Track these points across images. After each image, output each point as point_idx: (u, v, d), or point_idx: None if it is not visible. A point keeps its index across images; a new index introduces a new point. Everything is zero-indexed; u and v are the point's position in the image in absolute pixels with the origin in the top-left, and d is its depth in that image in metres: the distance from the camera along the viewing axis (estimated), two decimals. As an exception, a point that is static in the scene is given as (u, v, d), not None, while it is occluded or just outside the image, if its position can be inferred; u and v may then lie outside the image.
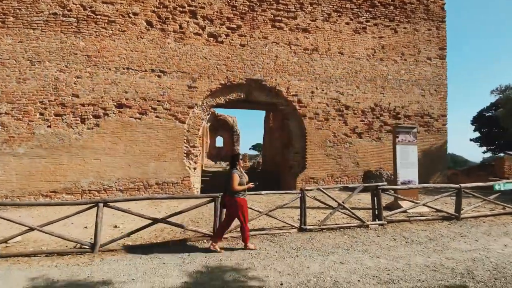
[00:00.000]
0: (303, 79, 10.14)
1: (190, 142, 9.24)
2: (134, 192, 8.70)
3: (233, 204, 3.99)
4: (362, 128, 10.83)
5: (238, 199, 4.01)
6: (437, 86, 11.72)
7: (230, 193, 4.03)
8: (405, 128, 6.94)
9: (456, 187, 5.53)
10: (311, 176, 10.10)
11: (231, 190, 4.00)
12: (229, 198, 4.03)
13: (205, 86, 9.28)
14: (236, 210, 3.99)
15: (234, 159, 4.27)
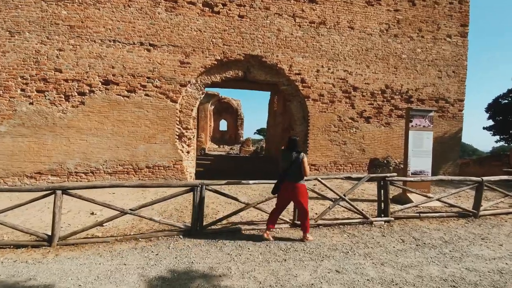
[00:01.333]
0: (308, 56, 9.18)
1: (182, 123, 8.54)
2: (123, 176, 8.16)
3: (298, 191, 3.75)
4: (371, 112, 9.92)
5: (304, 185, 3.85)
6: (456, 67, 10.59)
7: (296, 179, 3.75)
8: (421, 111, 6.07)
9: (477, 180, 4.75)
10: (313, 163, 9.36)
11: (299, 176, 3.75)
12: (292, 184, 3.76)
13: (199, 62, 8.43)
14: (303, 197, 3.79)
15: (295, 142, 3.96)
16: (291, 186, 3.73)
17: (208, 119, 32.21)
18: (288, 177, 3.73)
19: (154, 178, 8.24)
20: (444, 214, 4.77)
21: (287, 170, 3.72)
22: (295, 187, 3.72)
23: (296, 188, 3.72)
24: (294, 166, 3.71)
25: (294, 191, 3.73)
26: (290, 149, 3.84)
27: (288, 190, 3.74)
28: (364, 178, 4.80)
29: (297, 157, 3.74)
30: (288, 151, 3.84)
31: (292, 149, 3.84)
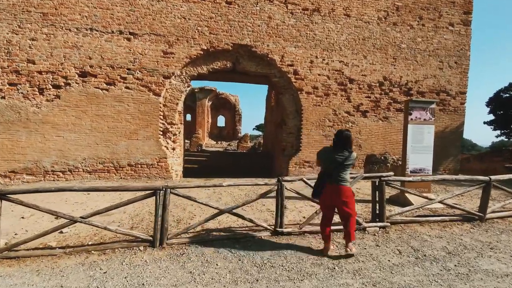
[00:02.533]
0: (301, 45, 8.54)
1: (167, 118, 7.95)
2: (103, 174, 7.60)
3: (345, 194, 3.11)
4: (368, 105, 9.32)
5: (350, 188, 3.23)
6: (458, 57, 9.94)
7: (342, 181, 3.11)
8: (421, 103, 5.47)
9: (484, 179, 4.18)
10: (306, 159, 8.80)
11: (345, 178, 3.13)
12: (337, 187, 3.11)
13: (183, 52, 7.81)
14: (351, 200, 3.16)
15: (349, 139, 3.18)
16: (335, 189, 3.10)
17: (205, 114, 31.61)
18: (334, 179, 3.09)
19: (137, 176, 7.69)
20: (447, 218, 4.21)
21: (334, 171, 3.08)
22: (340, 190, 3.10)
23: (341, 191, 3.10)
24: (342, 167, 3.09)
25: (339, 194, 3.10)
26: (342, 147, 3.11)
27: (332, 194, 3.12)
28: (357, 178, 4.24)
29: (348, 156, 3.10)
30: (339, 148, 3.12)
31: (344, 146, 3.12)
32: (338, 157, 3.09)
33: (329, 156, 3.15)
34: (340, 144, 3.13)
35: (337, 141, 3.15)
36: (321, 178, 3.19)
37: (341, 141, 3.13)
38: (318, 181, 3.24)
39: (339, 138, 3.14)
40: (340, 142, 3.13)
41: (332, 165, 3.09)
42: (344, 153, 3.11)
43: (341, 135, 3.14)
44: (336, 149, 3.13)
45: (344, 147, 3.12)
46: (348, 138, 3.14)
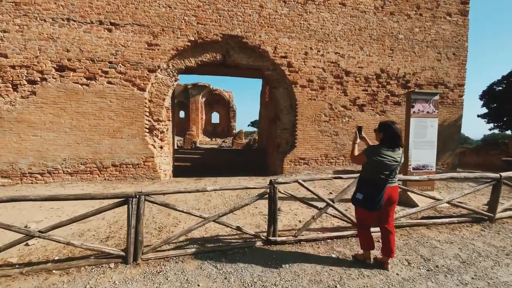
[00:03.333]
0: (295, 36, 8.05)
1: (153, 114, 7.43)
2: (86, 176, 7.07)
3: (394, 198, 2.74)
4: (365, 99, 8.92)
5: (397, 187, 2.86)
6: (456, 49, 9.57)
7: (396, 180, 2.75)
8: (424, 94, 5.07)
9: (494, 177, 3.81)
10: (301, 156, 8.39)
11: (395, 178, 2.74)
12: (395, 187, 2.75)
13: (169, 43, 7.26)
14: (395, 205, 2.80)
15: (399, 134, 2.69)
16: (393, 191, 2.70)
17: (199, 111, 31.01)
18: (390, 180, 2.66)
19: (122, 177, 7.18)
20: (455, 220, 3.84)
21: (393, 172, 2.64)
22: (396, 190, 2.75)
23: (397, 191, 2.75)
24: (396, 169, 2.67)
25: (394, 196, 2.70)
26: (396, 143, 2.63)
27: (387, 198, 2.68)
28: (353, 184, 3.80)
29: (401, 156, 2.67)
30: (394, 146, 2.63)
31: (397, 143, 2.64)
32: (397, 157, 2.62)
33: (388, 157, 2.59)
34: (394, 140, 2.63)
35: (390, 137, 2.63)
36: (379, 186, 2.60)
37: (395, 137, 2.63)
38: (372, 190, 2.61)
39: (392, 133, 2.62)
40: (394, 138, 2.63)
41: (393, 167, 2.62)
42: (400, 151, 2.66)
43: (395, 130, 2.64)
44: (391, 147, 2.62)
45: (398, 144, 2.65)
46: (399, 134, 2.66)
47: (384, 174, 2.61)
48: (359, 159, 2.79)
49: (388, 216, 2.75)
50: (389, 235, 2.72)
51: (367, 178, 2.68)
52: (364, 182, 2.69)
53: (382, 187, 2.60)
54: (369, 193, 2.63)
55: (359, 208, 2.75)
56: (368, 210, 2.65)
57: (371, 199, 2.61)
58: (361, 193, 2.67)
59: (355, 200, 2.72)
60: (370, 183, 2.64)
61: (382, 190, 2.60)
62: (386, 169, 2.61)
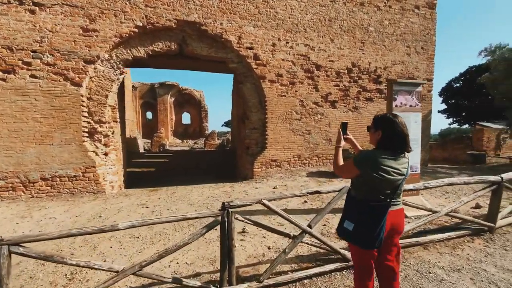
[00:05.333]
0: (261, 25, 7.10)
1: (93, 115, 6.05)
2: (6, 193, 5.52)
3: (401, 223, 1.84)
4: (337, 95, 8.23)
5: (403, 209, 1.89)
6: (425, 42, 9.26)
7: (395, 202, 1.78)
8: (407, 85, 4.37)
9: (495, 180, 3.15)
10: (273, 158, 7.48)
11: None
12: (401, 210, 1.83)
13: (111, 29, 5.93)
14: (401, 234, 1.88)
15: (407, 136, 1.74)
16: (398, 215, 1.79)
17: (168, 112, 29.12)
18: (394, 201, 1.75)
19: (56, 193, 5.73)
20: (454, 235, 3.10)
21: (399, 188, 1.73)
22: (402, 215, 1.83)
23: (403, 216, 1.84)
24: (402, 185, 1.75)
25: (400, 222, 1.82)
26: (399, 148, 1.72)
27: (390, 225, 1.75)
28: (335, 200, 2.84)
29: (408, 165, 1.76)
30: (398, 152, 1.72)
31: (402, 147, 1.72)
32: (402, 167, 1.71)
33: (390, 168, 1.68)
34: (400, 143, 1.70)
35: (394, 137, 1.70)
36: (373, 208, 1.69)
37: (401, 137, 1.70)
38: (368, 218, 1.69)
39: (397, 132, 1.69)
40: (400, 139, 1.70)
41: (398, 182, 1.71)
42: (405, 158, 1.75)
43: (400, 127, 1.70)
44: (394, 153, 1.70)
45: (403, 148, 1.72)
46: (407, 136, 1.73)
47: (385, 193, 1.71)
48: (347, 171, 1.82)
49: (391, 251, 1.85)
50: (392, 282, 1.82)
51: (360, 199, 1.77)
52: (356, 205, 1.76)
53: (382, 213, 1.68)
54: (363, 222, 1.69)
55: (351, 245, 1.83)
56: (363, 247, 1.74)
57: (367, 232, 1.67)
58: (351, 221, 1.73)
59: (342, 232, 1.78)
60: (365, 207, 1.72)
61: (382, 217, 1.67)
62: (388, 187, 1.69)
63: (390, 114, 1.79)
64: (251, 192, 5.63)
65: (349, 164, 1.77)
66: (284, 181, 6.43)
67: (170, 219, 2.05)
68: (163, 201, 5.31)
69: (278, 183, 6.30)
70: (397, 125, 1.70)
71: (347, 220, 1.75)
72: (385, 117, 1.76)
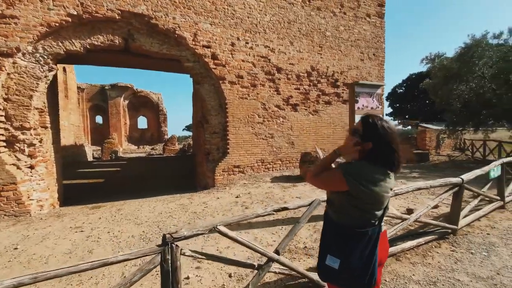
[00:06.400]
0: (219, 23, 6.60)
1: (13, 120, 4.88)
2: None
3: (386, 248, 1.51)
4: (298, 98, 8.10)
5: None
6: (376, 49, 9.70)
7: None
8: (368, 87, 4.27)
9: (456, 182, 3.12)
10: (236, 164, 6.99)
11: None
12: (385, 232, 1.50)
13: (35, 16, 4.87)
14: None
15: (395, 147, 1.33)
16: (383, 238, 1.45)
17: (121, 115, 26.73)
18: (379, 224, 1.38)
19: (-42, 219, 4.45)
20: (422, 240, 2.96)
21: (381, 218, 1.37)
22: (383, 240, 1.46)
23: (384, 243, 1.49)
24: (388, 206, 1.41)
25: (386, 247, 1.53)
26: (389, 162, 1.33)
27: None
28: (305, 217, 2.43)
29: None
30: (385, 167, 1.34)
31: (393, 160, 1.33)
32: (392, 185, 1.38)
33: (383, 185, 1.32)
34: (390, 155, 1.34)
35: (386, 149, 1.34)
36: (363, 236, 1.32)
37: (391, 148, 1.33)
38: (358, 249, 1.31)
39: (391, 142, 1.33)
40: (391, 151, 1.34)
41: (387, 202, 1.37)
42: (391, 173, 1.37)
43: (394, 136, 1.35)
44: (382, 168, 1.34)
45: (393, 161, 1.34)
46: (395, 148, 1.35)
47: (376, 217, 1.35)
48: (329, 183, 1.41)
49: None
50: None
51: (344, 225, 1.39)
52: (340, 233, 1.36)
53: (375, 242, 1.33)
54: (354, 256, 1.29)
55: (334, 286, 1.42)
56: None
57: (361, 269, 1.29)
58: (336, 256, 1.32)
59: (325, 271, 1.35)
60: (354, 235, 1.32)
61: (375, 248, 1.32)
62: (379, 207, 1.35)
63: (380, 119, 1.39)
64: (212, 203, 5.05)
65: (336, 175, 1.35)
66: (247, 189, 5.99)
67: (83, 267, 1.42)
68: (105, 222, 4.45)
69: (241, 191, 5.83)
70: (392, 134, 1.34)
71: (331, 255, 1.34)
72: (375, 122, 1.36)
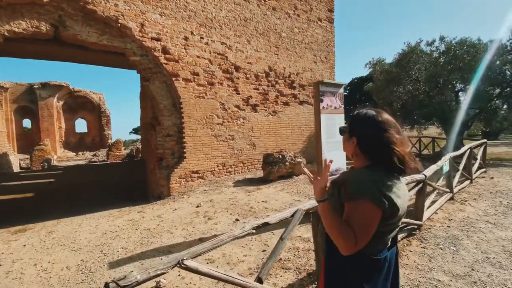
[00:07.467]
0: (169, 14, 5.90)
1: None
2: None
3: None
4: (257, 98, 7.84)
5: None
6: (327, 53, 10.05)
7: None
8: (331, 86, 4.16)
9: (420, 179, 3.17)
10: (194, 169, 6.36)
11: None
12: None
13: None
14: None
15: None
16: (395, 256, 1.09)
17: (55, 119, 23.16)
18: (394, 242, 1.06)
19: None
20: (395, 238, 2.94)
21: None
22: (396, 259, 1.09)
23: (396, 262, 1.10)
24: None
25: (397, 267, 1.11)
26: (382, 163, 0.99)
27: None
28: (287, 232, 2.05)
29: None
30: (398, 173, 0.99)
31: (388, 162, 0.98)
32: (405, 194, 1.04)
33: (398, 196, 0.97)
34: (381, 151, 1.01)
35: (373, 140, 1.04)
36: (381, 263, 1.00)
37: (383, 142, 1.01)
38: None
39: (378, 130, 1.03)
40: (381, 145, 1.02)
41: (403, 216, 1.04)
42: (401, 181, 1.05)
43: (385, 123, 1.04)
44: (388, 175, 1.01)
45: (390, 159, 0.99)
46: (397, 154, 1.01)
47: (393, 237, 1.07)
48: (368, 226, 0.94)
49: None
50: None
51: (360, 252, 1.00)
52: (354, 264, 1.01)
53: (395, 267, 1.05)
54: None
55: None
56: None
57: None
58: None
59: None
60: (372, 264, 1.00)
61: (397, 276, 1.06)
62: (397, 224, 1.06)
63: (370, 111, 1.10)
64: (168, 216, 4.40)
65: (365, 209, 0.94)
66: (208, 196, 5.45)
67: None
68: (31, 250, 3.48)
69: (202, 199, 5.27)
70: (385, 129, 1.02)
71: None
72: (364, 115, 1.08)
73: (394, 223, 1.00)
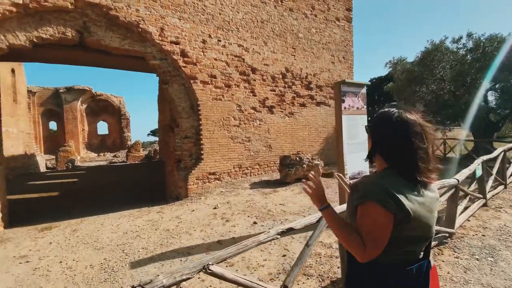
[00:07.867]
0: (188, 18, 5.98)
1: None
2: None
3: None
4: (273, 100, 7.77)
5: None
6: (345, 52, 9.81)
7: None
8: (354, 85, 4.02)
9: (453, 184, 2.96)
10: (211, 170, 6.38)
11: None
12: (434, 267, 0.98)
13: (-47, -2, 3.84)
14: None
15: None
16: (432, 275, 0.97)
17: (79, 121, 24.22)
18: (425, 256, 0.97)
19: None
20: (425, 247, 2.76)
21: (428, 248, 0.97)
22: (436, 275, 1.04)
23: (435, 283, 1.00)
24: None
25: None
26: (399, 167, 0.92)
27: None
28: (313, 239, 1.97)
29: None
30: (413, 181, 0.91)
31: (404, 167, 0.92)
32: (431, 203, 0.95)
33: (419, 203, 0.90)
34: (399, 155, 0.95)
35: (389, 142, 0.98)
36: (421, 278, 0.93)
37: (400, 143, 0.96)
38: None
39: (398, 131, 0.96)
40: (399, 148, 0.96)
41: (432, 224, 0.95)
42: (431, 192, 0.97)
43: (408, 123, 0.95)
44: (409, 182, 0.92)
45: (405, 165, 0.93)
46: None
47: (421, 247, 0.97)
48: (381, 232, 0.87)
49: None
50: None
51: (382, 262, 0.91)
52: (376, 275, 0.93)
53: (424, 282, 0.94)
54: None
55: None
56: None
57: None
58: None
59: None
60: (393, 276, 0.91)
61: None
62: (416, 233, 0.92)
63: (393, 110, 0.99)
64: (187, 217, 4.41)
65: (372, 212, 0.88)
66: (225, 197, 5.43)
67: None
68: (57, 247, 3.59)
69: (219, 200, 5.26)
70: (407, 131, 0.93)
71: None
72: (386, 114, 0.99)
73: (412, 229, 0.90)
